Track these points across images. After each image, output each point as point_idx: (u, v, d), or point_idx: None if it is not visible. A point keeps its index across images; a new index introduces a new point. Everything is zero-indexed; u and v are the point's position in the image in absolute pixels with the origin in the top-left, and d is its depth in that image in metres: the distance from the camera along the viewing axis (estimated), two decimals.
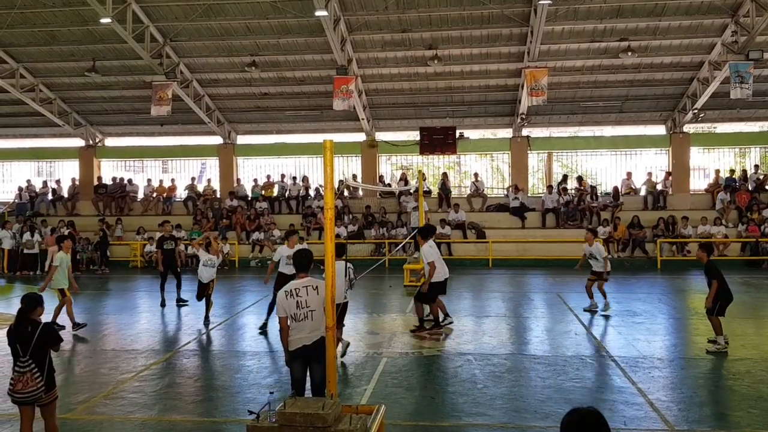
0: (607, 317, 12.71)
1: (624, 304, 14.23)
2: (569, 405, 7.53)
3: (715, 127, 26.72)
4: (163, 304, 14.57)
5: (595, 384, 8.47)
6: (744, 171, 25.08)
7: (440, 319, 11.65)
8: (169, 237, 15.33)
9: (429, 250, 11.40)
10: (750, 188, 23.75)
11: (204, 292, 12.66)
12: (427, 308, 11.79)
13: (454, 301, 14.11)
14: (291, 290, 6.40)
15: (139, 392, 8.43)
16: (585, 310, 13.25)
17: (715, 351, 9.91)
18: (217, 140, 27.32)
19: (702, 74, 22.24)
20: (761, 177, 24.45)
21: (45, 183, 28.02)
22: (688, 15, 19.92)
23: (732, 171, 25.01)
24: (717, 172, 25.19)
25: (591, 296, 13.32)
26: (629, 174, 25.29)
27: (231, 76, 23.96)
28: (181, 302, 14.65)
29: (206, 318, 12.70)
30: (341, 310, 9.25)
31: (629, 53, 21.03)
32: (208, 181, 27.87)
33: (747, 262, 20.89)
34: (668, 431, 6.87)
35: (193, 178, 27.93)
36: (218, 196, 26.69)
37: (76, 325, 12.02)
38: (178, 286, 14.90)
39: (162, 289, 14.83)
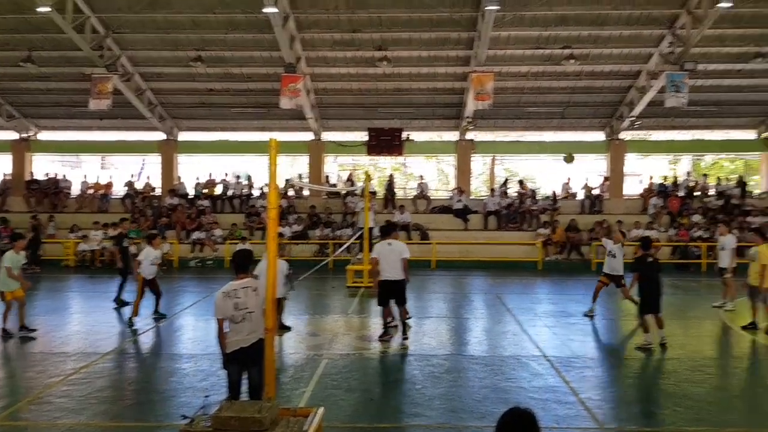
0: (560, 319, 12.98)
1: (559, 305, 14.62)
2: (505, 405, 7.65)
3: (650, 135, 27.61)
4: (122, 304, 13.91)
5: (530, 383, 8.66)
6: (676, 177, 26.05)
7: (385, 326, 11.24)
8: (127, 235, 14.87)
9: (376, 247, 11.23)
10: (681, 194, 24.65)
11: (152, 287, 12.79)
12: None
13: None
14: (229, 291, 6.32)
15: (67, 397, 8.14)
16: (585, 315, 13.11)
17: (642, 346, 10.38)
18: (158, 136, 26.69)
19: (639, 83, 22.96)
20: (692, 184, 25.43)
21: None
22: (628, 25, 20.54)
23: (665, 177, 25.93)
24: (651, 178, 26.07)
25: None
26: (569, 179, 25.94)
27: (175, 70, 23.46)
28: (122, 303, 14.12)
29: (157, 309, 12.91)
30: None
31: (571, 61, 21.54)
32: (147, 177, 27.21)
33: (676, 265, 21.66)
34: (598, 429, 7.10)
35: (132, 175, 27.22)
36: (159, 193, 26.10)
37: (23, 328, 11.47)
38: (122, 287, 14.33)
39: (121, 287, 14.12)
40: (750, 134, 26.41)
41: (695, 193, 24.95)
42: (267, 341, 5.98)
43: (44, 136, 27.67)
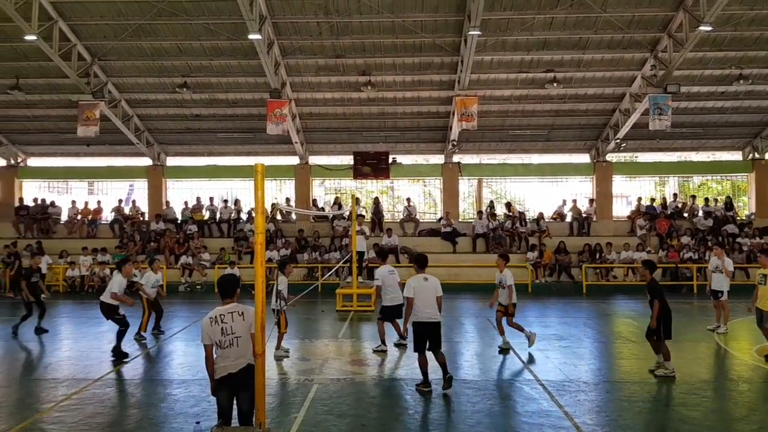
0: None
1: (551, 328, 14.58)
2: (499, 429, 7.67)
3: (636, 157, 27.93)
4: (15, 333, 13.93)
5: (523, 408, 8.60)
6: (664, 199, 26.26)
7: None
8: (37, 270, 15.01)
9: (409, 283, 9.69)
10: (669, 215, 24.83)
11: (154, 307, 13.81)
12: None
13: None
14: (216, 316, 6.26)
15: (59, 423, 8.05)
16: (500, 350, 11.99)
17: (663, 375, 9.98)
18: (146, 162, 26.69)
19: (623, 105, 23.27)
20: (679, 205, 25.64)
21: None
22: (610, 49, 20.86)
23: (652, 199, 26.15)
24: (639, 199, 26.27)
25: (502, 331, 12.17)
26: (564, 201, 26.03)
27: (161, 96, 23.53)
28: (41, 331, 14.16)
29: (158, 327, 13.88)
30: None
31: (555, 84, 21.83)
32: (133, 202, 27.11)
33: (667, 287, 21.67)
34: None
35: (120, 200, 27.12)
36: (146, 218, 25.98)
37: None
38: (41, 316, 14.39)
39: (24, 319, 14.26)
40: (736, 155, 26.75)
41: (684, 215, 25.14)
42: (257, 366, 5.93)
43: (32, 162, 27.60)
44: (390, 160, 25.36)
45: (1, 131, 25.79)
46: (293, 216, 26.01)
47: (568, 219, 25.51)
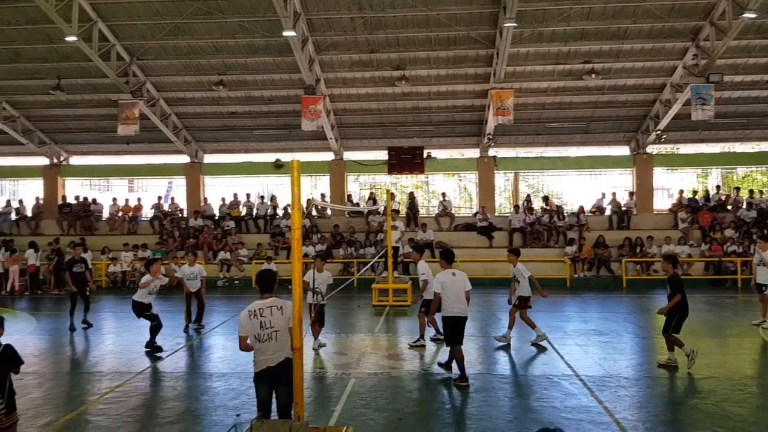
0: (569, 337, 12.77)
1: (591, 323, 14.38)
2: (537, 425, 7.57)
3: (677, 148, 27.31)
4: (72, 329, 14.27)
5: (562, 403, 8.50)
6: (706, 191, 25.65)
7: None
8: (79, 260, 15.12)
9: (438, 277, 9.84)
10: (711, 208, 24.25)
11: (196, 298, 14.20)
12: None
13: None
14: (254, 310, 6.32)
15: (103, 415, 8.24)
16: (533, 344, 12.06)
17: (665, 364, 10.15)
18: (184, 159, 27.06)
19: (664, 96, 22.77)
20: (722, 197, 25.01)
21: (8, 202, 27.42)
22: (650, 38, 20.43)
23: (695, 191, 25.56)
24: (680, 192, 25.72)
25: (532, 325, 12.19)
26: (603, 194, 25.62)
27: (198, 95, 23.83)
28: (86, 324, 14.56)
29: (199, 321, 14.23)
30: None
31: (593, 75, 21.46)
32: (172, 199, 27.57)
33: (710, 281, 21.24)
34: None
35: (159, 197, 27.60)
36: (185, 215, 26.38)
37: None
38: (86, 310, 14.76)
39: (72, 312, 14.52)
40: None
41: (727, 207, 24.52)
42: (295, 361, 5.96)
43: (74, 161, 28.24)
44: (425, 155, 25.27)
45: (44, 131, 26.44)
46: (328, 211, 26.13)
47: (608, 212, 25.09)
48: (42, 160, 27.70)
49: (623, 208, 24.70)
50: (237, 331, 6.40)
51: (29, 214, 26.90)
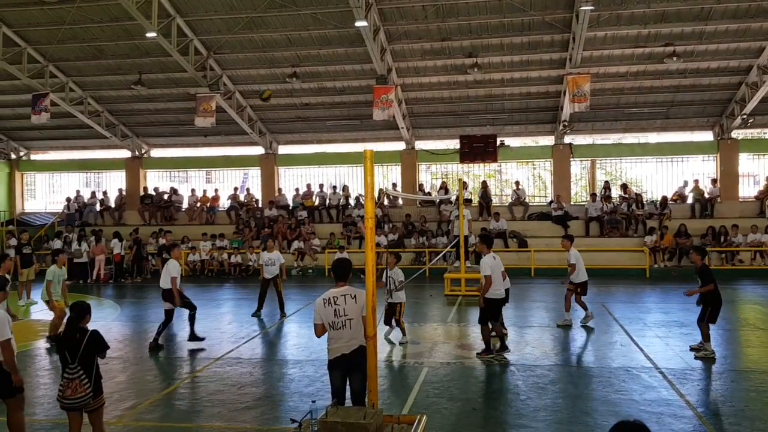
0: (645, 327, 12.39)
1: (672, 315, 13.91)
2: (615, 417, 7.38)
3: (765, 133, 25.95)
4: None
5: (641, 396, 8.26)
6: None
7: (490, 348, 10.37)
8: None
9: (486, 261, 10.22)
10: None
11: (266, 288, 14.47)
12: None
13: None
14: (329, 298, 6.40)
15: (184, 399, 8.57)
16: (558, 326, 12.88)
17: (702, 357, 10.05)
18: (259, 150, 27.66)
19: (751, 79, 21.66)
20: None
21: (93, 194, 28.71)
22: (735, 19, 19.43)
23: None
24: (767, 179, 24.46)
25: (568, 308, 12.92)
26: (685, 182, 24.69)
27: (273, 86, 24.19)
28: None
29: (282, 310, 14.52)
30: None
31: (674, 58, 20.60)
32: (248, 190, 28.25)
33: None
34: None
35: (235, 188, 28.33)
36: (260, 205, 26.99)
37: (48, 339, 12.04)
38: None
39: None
40: None
41: None
42: (369, 349, 6.01)
43: (155, 153, 29.32)
44: (498, 143, 24.94)
45: (126, 124, 27.53)
46: (400, 201, 26.17)
47: (690, 200, 24.14)
48: (124, 153, 28.88)
49: (706, 196, 23.71)
50: (312, 319, 6.50)
51: (113, 205, 28.11)
